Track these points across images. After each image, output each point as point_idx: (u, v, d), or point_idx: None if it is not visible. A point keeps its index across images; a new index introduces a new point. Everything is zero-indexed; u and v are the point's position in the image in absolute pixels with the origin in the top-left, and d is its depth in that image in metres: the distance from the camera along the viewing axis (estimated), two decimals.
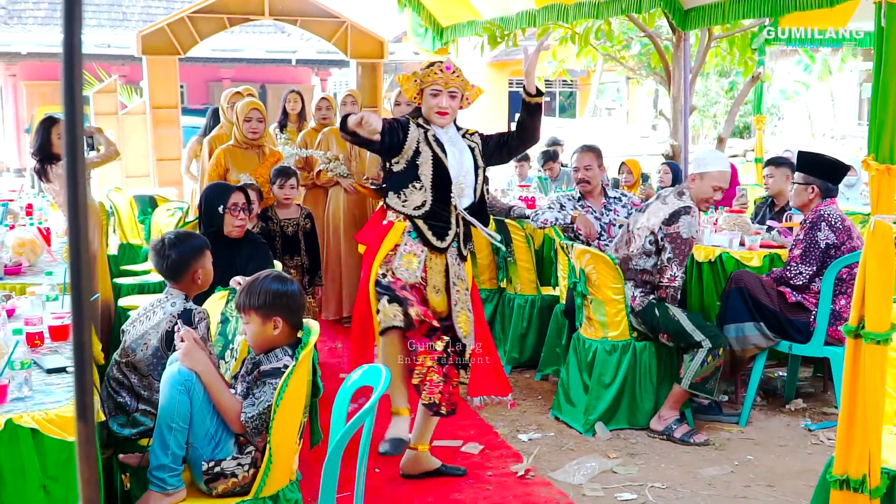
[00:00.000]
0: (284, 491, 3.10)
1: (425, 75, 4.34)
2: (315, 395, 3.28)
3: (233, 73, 23.52)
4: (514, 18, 8.28)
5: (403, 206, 4.31)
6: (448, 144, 4.36)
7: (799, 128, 24.92)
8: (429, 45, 9.85)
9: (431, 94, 4.32)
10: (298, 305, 3.27)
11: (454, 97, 4.34)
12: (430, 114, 4.35)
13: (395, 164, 4.33)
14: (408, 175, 4.30)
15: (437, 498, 4.30)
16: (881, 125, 2.85)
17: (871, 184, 2.92)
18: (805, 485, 4.28)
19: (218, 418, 3.07)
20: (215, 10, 9.93)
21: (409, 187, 4.30)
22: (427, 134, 4.34)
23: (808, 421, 5.30)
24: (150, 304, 3.70)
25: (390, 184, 4.37)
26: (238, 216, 4.79)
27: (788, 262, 5.18)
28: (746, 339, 5.18)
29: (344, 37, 10.64)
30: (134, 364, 3.55)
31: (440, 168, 4.30)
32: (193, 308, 3.57)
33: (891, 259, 2.92)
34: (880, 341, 2.93)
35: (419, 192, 4.29)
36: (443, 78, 4.30)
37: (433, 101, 4.32)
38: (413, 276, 4.29)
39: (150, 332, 3.55)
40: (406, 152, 4.30)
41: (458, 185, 4.33)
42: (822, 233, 5.09)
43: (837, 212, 5.18)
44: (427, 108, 4.36)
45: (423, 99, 4.37)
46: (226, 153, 6.30)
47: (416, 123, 4.36)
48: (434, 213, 4.31)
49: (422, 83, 4.35)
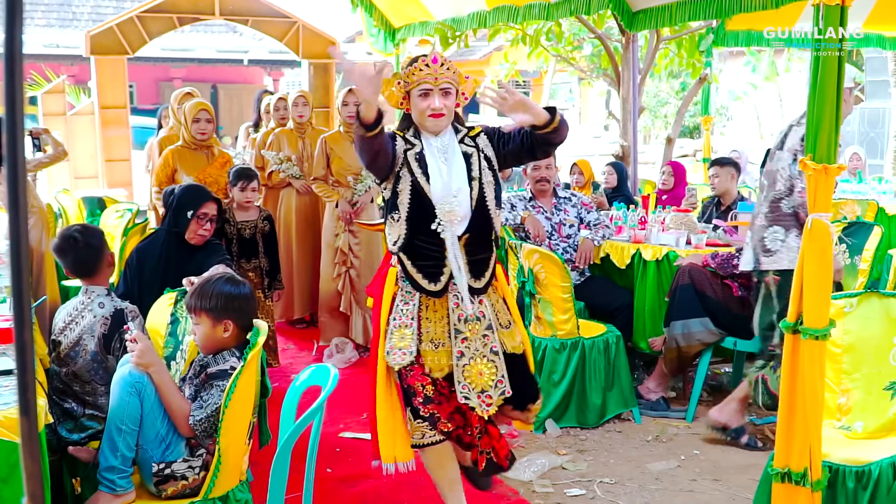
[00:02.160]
0: (234, 491, 3.11)
1: (409, 74, 3.63)
2: (264, 396, 3.28)
3: (184, 73, 23.34)
4: (465, 19, 8.34)
5: (392, 242, 3.66)
6: (435, 160, 3.62)
7: (747, 128, 25.25)
8: (381, 46, 9.87)
9: (420, 96, 3.60)
10: (250, 308, 3.29)
11: (448, 94, 3.62)
12: (422, 119, 3.63)
13: (385, 190, 3.70)
14: (390, 205, 3.66)
15: (388, 497, 4.32)
16: (817, 126, 2.93)
17: (808, 183, 2.99)
18: (750, 479, 4.36)
19: (169, 421, 3.07)
20: (165, 10, 9.87)
21: (388, 220, 3.66)
22: (408, 153, 3.62)
23: (753, 416, 5.40)
24: (73, 308, 3.69)
25: (385, 218, 3.75)
26: (203, 226, 4.73)
27: (740, 248, 5.25)
28: (692, 334, 5.27)
29: (295, 37, 10.62)
30: (75, 372, 3.54)
31: (418, 193, 3.57)
32: (125, 307, 3.58)
33: (828, 256, 3.00)
34: (818, 337, 3.01)
35: (397, 224, 3.61)
36: (431, 73, 3.59)
37: (423, 104, 3.59)
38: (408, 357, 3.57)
39: (85, 338, 3.54)
40: (391, 176, 3.64)
41: (445, 210, 3.54)
42: None
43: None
44: (417, 112, 3.63)
45: (412, 103, 3.64)
46: (174, 154, 6.26)
47: (402, 138, 3.68)
48: (415, 249, 3.60)
49: (406, 84, 3.63)
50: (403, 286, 3.66)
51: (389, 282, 3.71)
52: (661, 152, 14.53)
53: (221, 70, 23.55)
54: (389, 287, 3.70)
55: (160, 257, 4.70)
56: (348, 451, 4.89)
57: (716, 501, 4.27)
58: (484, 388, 3.55)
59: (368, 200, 6.61)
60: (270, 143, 7.33)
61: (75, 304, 3.70)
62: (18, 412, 0.89)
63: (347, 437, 5.10)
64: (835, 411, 3.82)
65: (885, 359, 3.75)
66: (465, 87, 3.72)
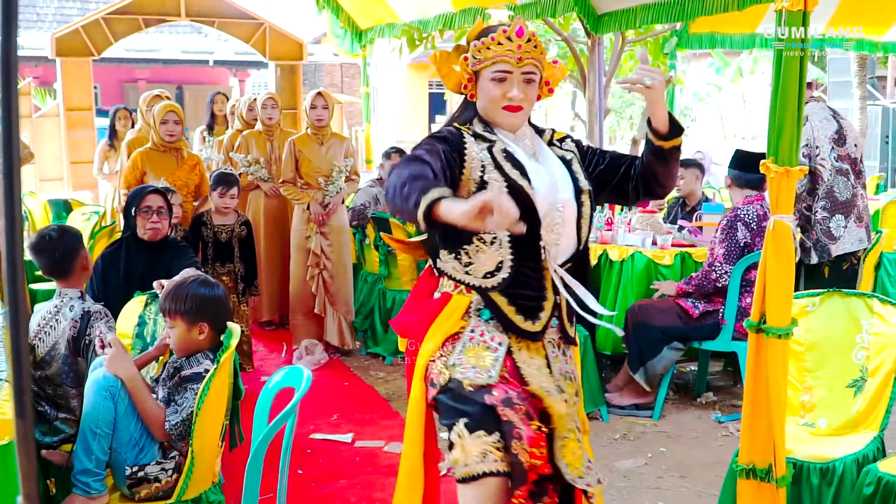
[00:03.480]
0: (207, 493, 3.14)
1: (482, 47, 2.68)
2: (236, 398, 3.31)
3: (148, 74, 23.18)
4: (432, 21, 8.38)
5: (467, 273, 2.70)
6: (528, 159, 2.74)
7: (712, 129, 25.51)
8: (348, 47, 9.89)
9: (494, 79, 2.68)
10: (224, 311, 3.31)
11: (531, 82, 2.72)
12: (493, 110, 2.73)
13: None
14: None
15: (360, 498, 4.34)
16: (780, 129, 3.00)
17: (770, 185, 3.06)
18: (716, 475, 4.43)
19: (142, 424, 3.09)
20: (130, 11, 9.83)
21: (473, 243, 2.66)
22: (493, 149, 2.70)
23: (718, 413, 5.48)
24: (47, 311, 3.69)
25: (441, 237, 2.74)
26: (150, 219, 4.68)
27: (712, 262, 5.29)
28: (666, 360, 5.36)
29: (262, 38, 10.61)
30: (48, 376, 3.55)
31: (521, 201, 2.47)
32: (91, 309, 3.58)
33: (790, 256, 3.06)
34: (781, 335, 3.08)
35: (490, 248, 2.65)
36: (512, 51, 2.65)
37: (498, 90, 2.69)
38: (485, 378, 2.62)
39: (59, 342, 3.55)
40: (466, 185, 2.65)
41: (552, 224, 2.70)
42: (739, 232, 5.23)
43: (756, 211, 5.28)
44: (487, 100, 2.73)
45: (479, 86, 2.73)
46: (143, 156, 6.24)
47: (472, 134, 2.74)
48: (519, 279, 2.68)
49: (477, 60, 2.71)
50: (482, 324, 2.71)
51: (451, 316, 2.72)
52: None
53: (186, 71, 23.41)
54: (451, 322, 2.72)
55: (126, 262, 4.70)
56: (319, 453, 4.91)
57: (682, 498, 4.34)
58: (576, 471, 2.71)
59: (340, 202, 6.63)
60: (239, 146, 7.33)
61: (49, 308, 3.70)
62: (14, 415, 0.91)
63: (318, 438, 5.11)
64: (799, 408, 3.90)
65: (847, 356, 3.83)
66: (550, 75, 2.81)
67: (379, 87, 23.75)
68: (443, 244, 2.74)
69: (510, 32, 2.65)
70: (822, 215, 5.26)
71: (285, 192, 6.68)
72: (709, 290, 5.29)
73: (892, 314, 3.75)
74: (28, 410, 0.91)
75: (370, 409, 5.65)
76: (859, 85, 14.54)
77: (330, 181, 6.55)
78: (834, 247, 5.33)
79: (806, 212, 5.38)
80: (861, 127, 14.37)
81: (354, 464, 4.76)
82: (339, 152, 6.64)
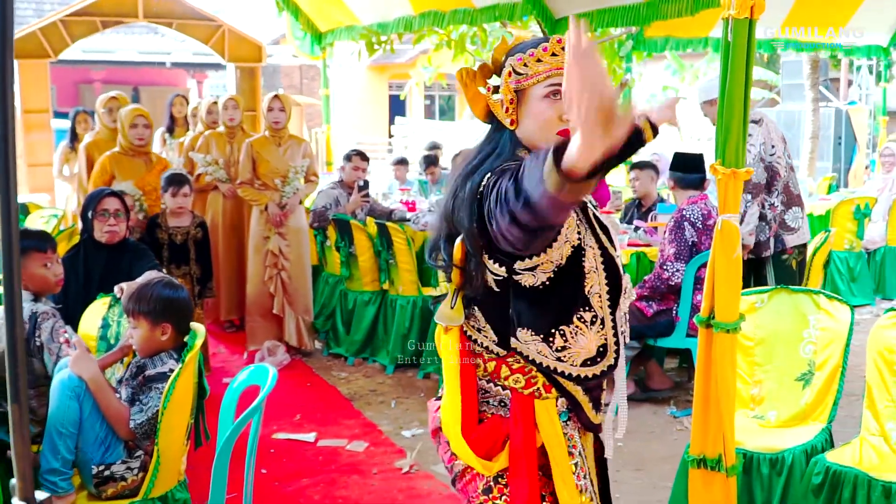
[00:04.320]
0: (173, 492, 3.19)
1: (529, 60, 2.15)
2: (201, 397, 3.36)
3: (104, 75, 22.98)
4: (391, 24, 8.45)
5: (560, 360, 2.17)
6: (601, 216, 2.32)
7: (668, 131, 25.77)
8: (307, 49, 9.92)
9: (548, 96, 2.14)
10: (187, 312, 3.36)
11: None
12: (547, 137, 2.12)
13: (525, 271, 2.10)
14: (564, 294, 2.14)
15: (323, 496, 4.40)
16: (727, 132, 3.11)
17: (718, 186, 3.17)
18: (670, 468, 4.53)
19: (108, 423, 3.14)
20: (88, 13, 9.77)
21: (573, 321, 2.16)
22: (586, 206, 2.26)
23: (673, 409, 5.61)
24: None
25: (523, 314, 2.16)
26: (107, 222, 4.68)
27: (663, 262, 5.42)
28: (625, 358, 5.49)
29: (221, 40, 10.59)
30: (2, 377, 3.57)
31: (612, 268, 2.23)
32: (38, 310, 3.58)
33: (737, 256, 3.18)
34: (730, 330, 3.19)
35: (592, 327, 2.17)
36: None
37: (552, 111, 2.14)
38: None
39: None
40: (558, 250, 2.09)
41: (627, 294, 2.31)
42: (686, 232, 5.38)
43: (702, 210, 5.44)
44: (539, 124, 2.16)
45: (527, 108, 2.17)
46: (111, 160, 6.23)
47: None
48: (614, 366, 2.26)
49: (523, 76, 2.16)
50: (565, 427, 2.24)
51: (548, 423, 2.21)
52: None
53: (143, 72, 23.24)
54: (550, 432, 2.21)
55: (85, 265, 4.72)
56: (282, 452, 4.96)
57: (638, 490, 4.45)
58: None
59: (297, 202, 6.67)
60: (199, 146, 7.35)
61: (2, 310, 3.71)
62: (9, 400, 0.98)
63: (281, 438, 5.16)
64: (749, 401, 4.03)
65: (795, 351, 3.96)
66: None
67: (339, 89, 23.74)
68: (524, 323, 2.15)
69: (565, 41, 1.91)
70: (780, 209, 5.43)
71: (242, 193, 6.70)
72: (663, 289, 5.41)
73: (838, 309, 3.89)
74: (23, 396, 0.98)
75: (332, 408, 5.71)
76: (812, 87, 14.79)
77: (287, 182, 6.59)
78: (791, 237, 5.51)
79: (762, 207, 5.55)
80: (814, 129, 14.62)
81: (317, 463, 4.82)
82: (296, 154, 6.69)
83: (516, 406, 2.17)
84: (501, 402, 2.21)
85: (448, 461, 2.29)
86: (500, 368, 2.19)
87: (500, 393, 2.21)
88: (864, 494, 3.23)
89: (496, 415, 2.21)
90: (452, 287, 2.19)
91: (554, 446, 2.19)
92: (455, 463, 2.26)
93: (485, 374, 2.21)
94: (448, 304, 2.19)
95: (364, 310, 6.78)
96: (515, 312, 2.15)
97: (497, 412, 2.22)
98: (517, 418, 2.17)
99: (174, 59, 22.01)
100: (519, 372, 2.18)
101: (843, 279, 8.36)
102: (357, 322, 6.82)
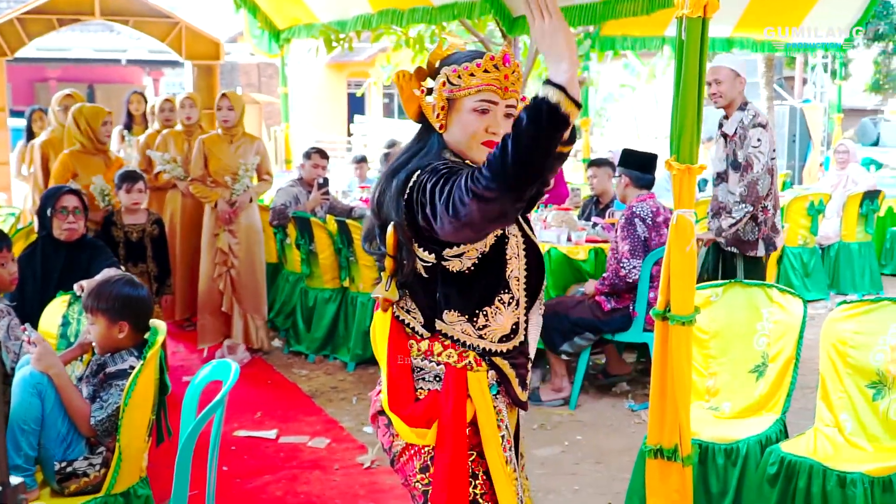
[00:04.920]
0: (135, 487, 3.21)
1: (463, 73, 2.30)
2: (163, 394, 3.36)
3: (59, 73, 22.75)
4: (350, 22, 8.45)
5: (481, 336, 2.36)
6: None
7: (625, 129, 26.01)
8: (265, 47, 9.89)
9: (477, 110, 2.31)
10: (146, 311, 3.37)
11: (510, 116, 2.33)
12: (471, 145, 2.32)
13: (453, 257, 2.29)
14: (488, 279, 2.33)
15: (285, 492, 4.42)
16: (681, 129, 3.17)
17: (673, 182, 3.23)
18: (629, 460, 4.60)
19: (69, 420, 3.14)
20: (45, 11, 9.65)
21: (494, 303, 2.35)
22: None
23: (631, 402, 5.69)
24: None
25: (451, 297, 2.33)
26: (66, 219, 4.68)
27: (620, 259, 5.47)
28: (578, 346, 5.55)
29: (178, 38, 10.51)
30: None
31: (534, 254, 2.43)
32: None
33: (692, 250, 3.24)
34: (685, 323, 3.25)
35: (509, 308, 2.36)
36: (499, 80, 2.30)
37: (479, 123, 2.31)
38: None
39: None
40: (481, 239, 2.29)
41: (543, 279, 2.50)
42: (638, 228, 5.44)
43: (651, 207, 5.50)
44: (465, 133, 2.32)
45: (456, 116, 2.33)
46: (72, 158, 6.20)
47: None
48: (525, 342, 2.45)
49: (456, 87, 2.32)
50: (495, 400, 2.39)
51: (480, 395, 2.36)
52: None
53: (98, 70, 23.03)
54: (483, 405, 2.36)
55: (43, 263, 4.69)
56: (243, 449, 4.97)
57: (597, 482, 4.51)
58: None
59: (247, 200, 6.62)
60: (157, 144, 7.32)
61: None
62: None
63: (242, 435, 5.17)
64: (704, 393, 4.11)
65: (749, 344, 4.05)
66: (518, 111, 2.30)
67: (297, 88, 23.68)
68: (452, 305, 2.33)
69: (498, 60, 2.29)
70: (772, 212, 5.52)
71: (194, 190, 6.68)
72: (622, 287, 5.47)
73: (790, 303, 3.97)
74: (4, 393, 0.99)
75: (293, 405, 5.72)
76: (766, 85, 15.02)
77: (237, 179, 6.57)
78: (777, 238, 5.60)
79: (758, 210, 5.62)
80: None
81: (279, 459, 4.83)
82: (249, 151, 6.67)
83: (449, 377, 2.33)
84: (437, 377, 2.36)
85: (387, 443, 2.41)
86: (433, 345, 2.36)
87: (434, 368, 2.36)
88: (820, 484, 3.30)
89: (432, 390, 2.36)
90: (386, 274, 2.36)
91: (485, 416, 2.34)
92: (394, 444, 2.39)
93: (419, 354, 2.37)
94: (383, 288, 2.36)
95: (325, 307, 6.79)
96: (443, 296, 2.33)
97: (434, 387, 2.36)
98: (449, 389, 2.32)
99: (130, 57, 21.81)
100: (451, 347, 2.35)
101: (797, 274, 8.49)
102: (318, 319, 6.83)
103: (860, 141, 15.99)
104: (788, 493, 3.40)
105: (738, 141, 5.28)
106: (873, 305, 3.63)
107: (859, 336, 3.61)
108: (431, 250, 2.27)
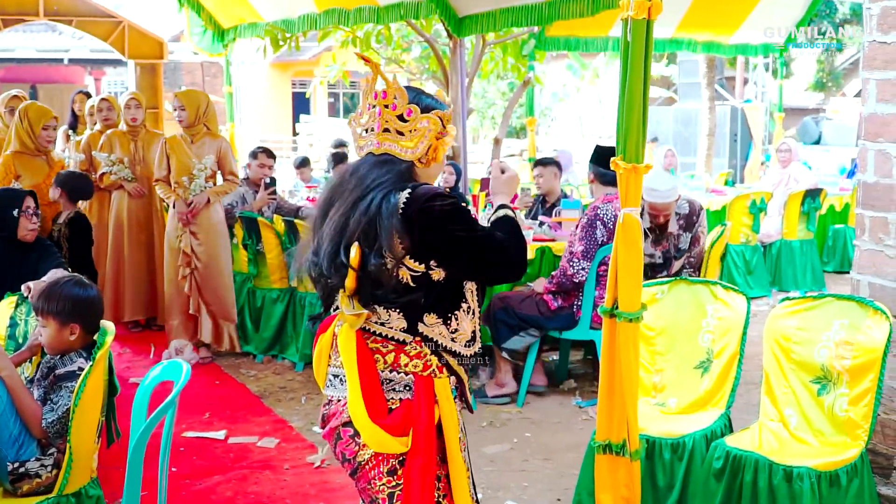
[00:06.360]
0: (86, 488, 3.21)
1: (445, 117, 2.64)
2: (112, 395, 3.35)
3: (2, 74, 22.35)
4: (296, 21, 8.44)
5: (454, 339, 2.57)
6: None
7: (570, 128, 26.22)
8: (208, 46, 9.83)
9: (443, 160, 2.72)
10: (96, 312, 3.35)
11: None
12: (437, 175, 2.75)
13: (437, 267, 2.50)
14: (455, 288, 2.58)
15: (235, 492, 4.41)
16: (627, 129, 3.22)
17: (619, 181, 3.28)
18: (577, 456, 4.65)
19: (21, 421, 3.13)
20: None
21: (460, 308, 2.59)
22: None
23: (578, 399, 5.76)
24: None
25: (435, 302, 2.53)
26: (32, 220, 4.71)
27: (570, 258, 5.51)
28: (525, 342, 5.60)
29: (121, 37, 10.40)
30: None
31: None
32: None
33: (638, 246, 3.30)
34: (632, 319, 3.31)
35: (468, 315, 2.61)
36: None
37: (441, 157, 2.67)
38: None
39: None
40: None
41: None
42: (598, 231, 5.44)
43: (615, 210, 5.40)
44: (438, 171, 2.71)
45: (435, 154, 2.63)
46: (15, 160, 6.12)
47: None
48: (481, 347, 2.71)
49: (447, 133, 2.65)
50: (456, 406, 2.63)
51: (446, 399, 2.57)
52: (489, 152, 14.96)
53: (41, 70, 22.67)
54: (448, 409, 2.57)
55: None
56: (192, 450, 4.94)
57: (546, 478, 4.57)
58: None
59: (204, 200, 6.54)
60: (102, 145, 7.23)
61: None
62: None
63: (190, 436, 5.14)
64: (650, 389, 4.17)
65: (694, 340, 4.12)
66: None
67: (242, 87, 23.51)
68: (433, 309, 2.53)
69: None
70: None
71: (159, 189, 6.64)
72: (569, 286, 5.51)
73: (734, 300, 4.05)
74: None
75: (242, 406, 5.70)
76: (708, 86, 15.24)
77: (193, 179, 6.49)
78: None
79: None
80: (710, 126, 15.08)
81: (228, 460, 4.82)
82: (210, 151, 6.58)
83: (419, 385, 2.52)
84: (406, 387, 2.53)
85: (350, 454, 2.53)
86: (400, 357, 2.53)
87: (403, 379, 2.53)
88: (766, 478, 3.35)
89: (405, 399, 2.52)
90: (345, 295, 2.50)
91: (449, 419, 2.55)
92: (359, 454, 2.51)
93: (386, 366, 2.53)
94: (349, 308, 2.48)
95: (273, 307, 6.77)
96: (427, 301, 2.52)
97: (405, 396, 2.52)
98: (419, 395, 2.50)
99: (72, 56, 21.50)
100: (416, 357, 2.53)
101: (739, 272, 8.64)
102: (266, 319, 6.81)
103: (802, 140, 16.26)
104: (735, 488, 3.45)
105: None
106: (817, 302, 3.69)
107: (802, 332, 3.67)
108: (422, 261, 2.47)
